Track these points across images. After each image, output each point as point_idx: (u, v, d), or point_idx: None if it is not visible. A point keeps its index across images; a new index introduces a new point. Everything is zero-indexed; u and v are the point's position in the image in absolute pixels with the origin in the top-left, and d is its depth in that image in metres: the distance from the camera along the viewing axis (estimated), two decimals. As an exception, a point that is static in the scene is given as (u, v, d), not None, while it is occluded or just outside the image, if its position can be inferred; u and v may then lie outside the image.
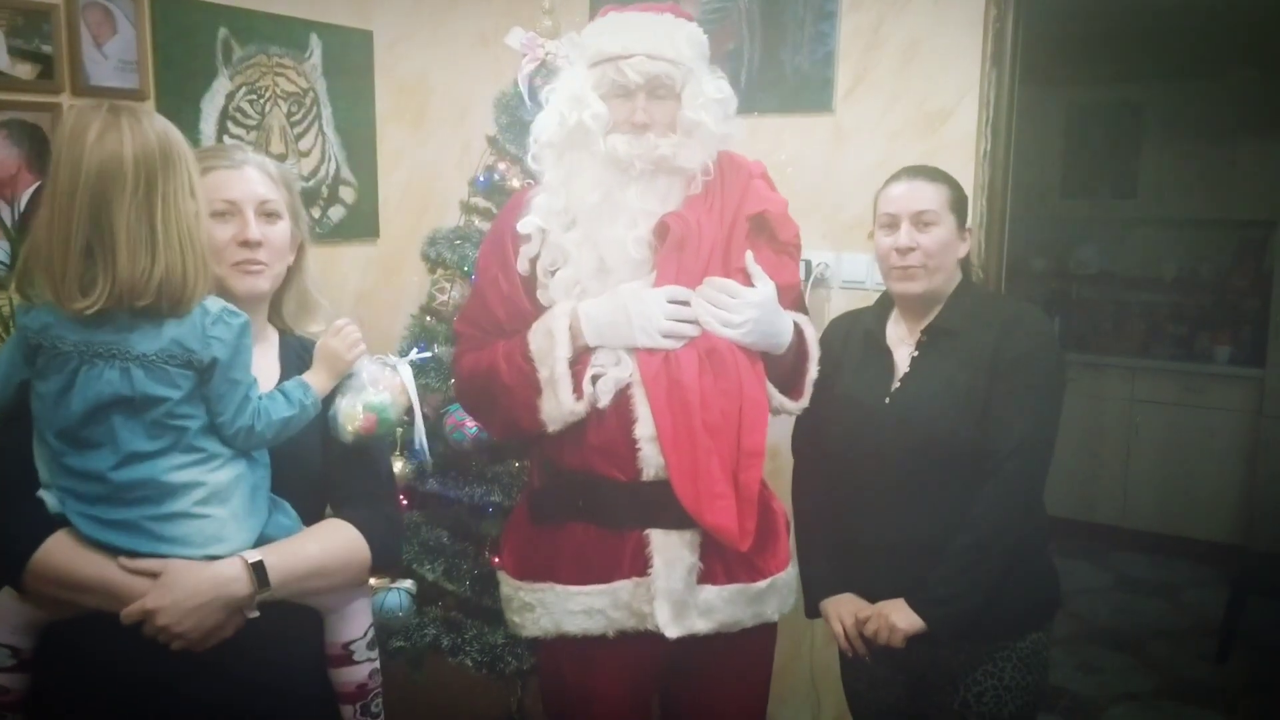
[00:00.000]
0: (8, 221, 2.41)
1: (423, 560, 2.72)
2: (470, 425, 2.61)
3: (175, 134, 1.46)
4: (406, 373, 1.73)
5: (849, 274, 3.12)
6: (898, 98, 3.03)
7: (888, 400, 2.08)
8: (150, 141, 1.41)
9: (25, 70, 2.45)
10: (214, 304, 1.49)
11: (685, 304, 1.94)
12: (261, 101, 2.96)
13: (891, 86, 3.03)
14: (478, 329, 2.10)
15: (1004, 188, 3.04)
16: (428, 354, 1.85)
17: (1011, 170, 3.09)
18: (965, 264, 2.16)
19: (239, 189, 1.61)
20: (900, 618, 1.98)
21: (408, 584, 2.61)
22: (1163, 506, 5.38)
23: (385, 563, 1.68)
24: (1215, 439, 5.24)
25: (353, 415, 1.64)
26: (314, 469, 1.64)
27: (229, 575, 1.46)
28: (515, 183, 2.78)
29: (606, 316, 1.94)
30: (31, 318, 1.44)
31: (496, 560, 2.67)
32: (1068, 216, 5.99)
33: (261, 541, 1.51)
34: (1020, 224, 3.49)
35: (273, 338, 1.72)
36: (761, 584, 2.02)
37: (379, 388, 1.67)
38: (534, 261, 2.02)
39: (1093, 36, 5.36)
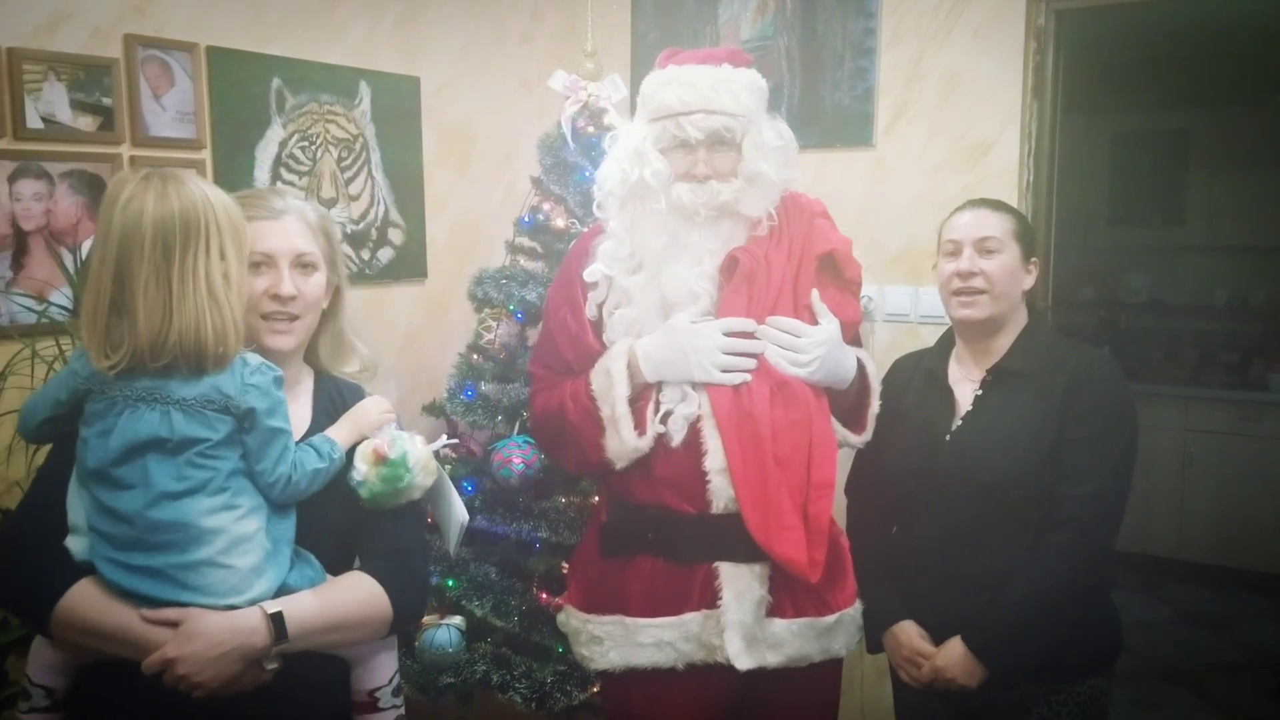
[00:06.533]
0: (70, 268, 2.48)
1: (471, 597, 2.74)
2: (517, 462, 2.63)
3: (208, 198, 1.49)
4: (426, 444, 1.71)
5: (893, 307, 3.13)
6: (938, 131, 3.04)
7: (948, 438, 2.07)
8: (171, 208, 1.45)
9: (87, 122, 2.54)
10: (252, 357, 1.53)
11: (745, 335, 1.95)
12: (313, 148, 3.03)
13: (932, 120, 3.05)
14: (549, 370, 2.15)
15: (1048, 218, 3.04)
16: (454, 441, 1.87)
17: (1056, 200, 3.09)
18: (1032, 302, 2.13)
19: (275, 241, 1.62)
20: (960, 671, 1.97)
21: (457, 620, 2.63)
22: (1219, 538, 5.28)
23: (408, 619, 1.67)
24: (1272, 468, 5.12)
25: (365, 448, 1.63)
26: (339, 522, 1.64)
27: (248, 626, 1.46)
28: (559, 222, 2.82)
29: (663, 354, 1.96)
30: (83, 364, 1.49)
31: (545, 596, 2.70)
32: (1115, 245, 5.94)
33: (283, 592, 1.52)
34: (1067, 253, 3.47)
35: (307, 382, 1.74)
36: (830, 619, 2.02)
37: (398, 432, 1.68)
38: (601, 306, 2.07)
39: (1135, 64, 5.35)
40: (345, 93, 3.11)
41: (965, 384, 2.12)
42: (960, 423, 2.07)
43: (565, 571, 2.49)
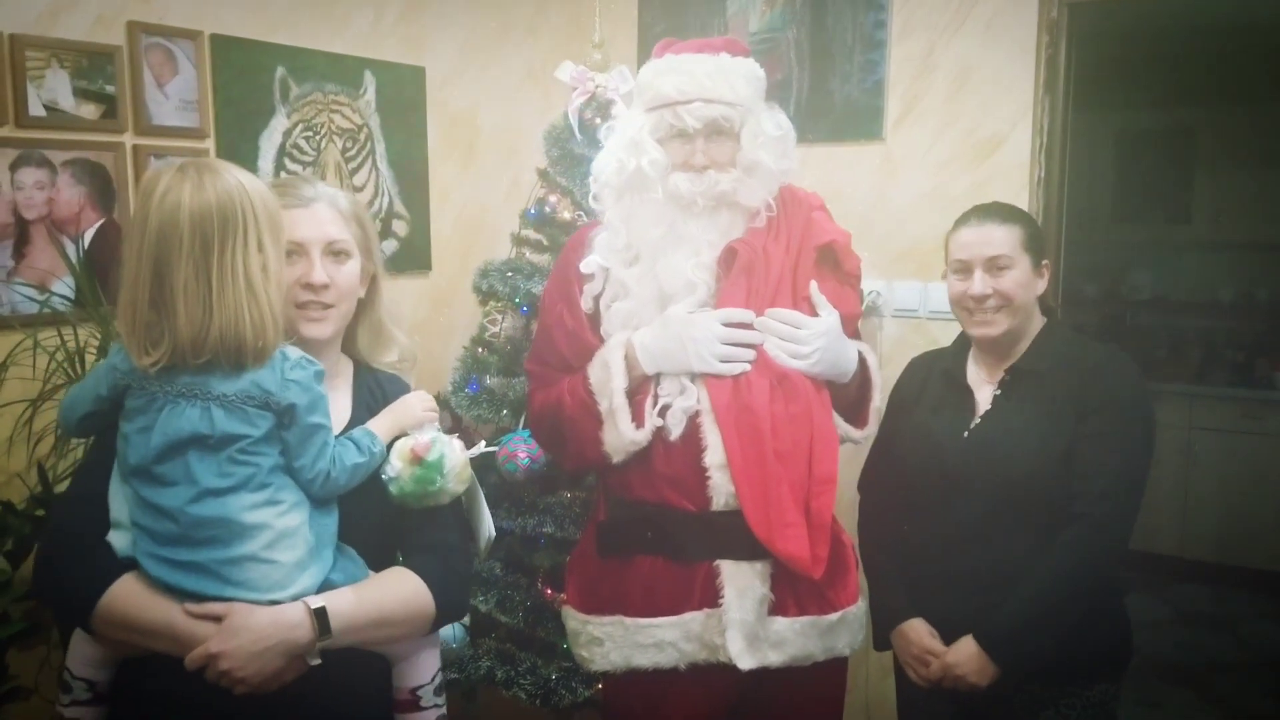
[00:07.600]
0: (73, 257, 2.45)
1: (476, 592, 2.72)
2: (522, 456, 2.61)
3: (245, 189, 1.45)
4: (464, 450, 1.70)
5: (901, 302, 3.10)
6: (949, 126, 3.01)
7: (966, 435, 2.05)
8: (209, 200, 1.42)
9: (89, 110, 2.51)
10: (293, 351, 1.50)
11: (744, 326, 1.93)
12: (317, 138, 3.00)
13: (942, 114, 3.02)
14: (546, 367, 2.12)
15: (1058, 214, 3.01)
16: (493, 449, 1.86)
17: (1065, 196, 3.06)
18: (1046, 300, 2.12)
19: (306, 229, 1.59)
20: (971, 669, 1.95)
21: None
22: (1222, 536, 5.26)
23: (450, 616, 1.66)
24: (1276, 466, 5.11)
25: (403, 445, 1.61)
26: (380, 517, 1.63)
27: (292, 621, 1.45)
28: (566, 214, 2.80)
29: (660, 345, 1.94)
30: (123, 359, 1.47)
31: (551, 593, 2.68)
32: (1120, 242, 5.90)
33: (326, 588, 1.50)
34: (1073, 250, 3.44)
35: (346, 373, 1.71)
36: (833, 617, 2.00)
37: (438, 434, 1.66)
38: (598, 299, 2.04)
39: (1145, 61, 5.32)
40: (350, 82, 3.08)
41: (984, 385, 2.10)
42: (979, 421, 2.06)
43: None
